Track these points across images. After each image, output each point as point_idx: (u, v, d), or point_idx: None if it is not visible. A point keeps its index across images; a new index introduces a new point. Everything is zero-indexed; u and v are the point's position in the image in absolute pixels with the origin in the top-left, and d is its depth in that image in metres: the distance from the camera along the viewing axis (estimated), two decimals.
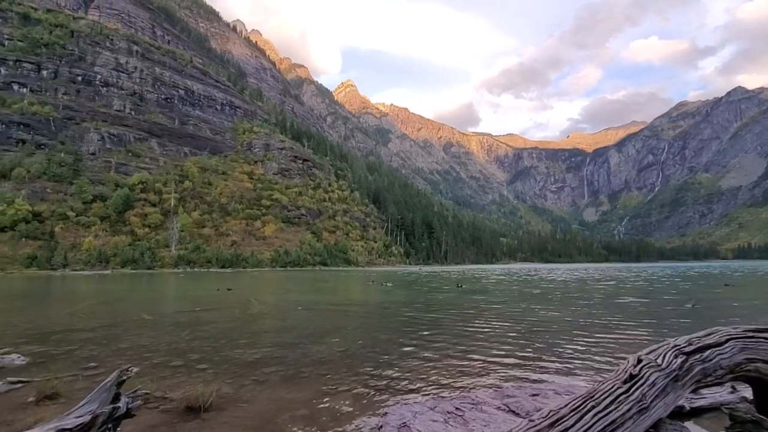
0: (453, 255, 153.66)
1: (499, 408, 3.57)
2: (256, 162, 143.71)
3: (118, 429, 3.36)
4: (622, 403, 2.63)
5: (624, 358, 3.23)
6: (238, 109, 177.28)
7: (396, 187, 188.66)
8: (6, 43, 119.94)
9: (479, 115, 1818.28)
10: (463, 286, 28.90)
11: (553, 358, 7.65)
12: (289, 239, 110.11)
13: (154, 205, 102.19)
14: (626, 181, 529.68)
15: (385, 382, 6.29)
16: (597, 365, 7.11)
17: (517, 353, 8.11)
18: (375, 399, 5.50)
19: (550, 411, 2.38)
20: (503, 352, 8.19)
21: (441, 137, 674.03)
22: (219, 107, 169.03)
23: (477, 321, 12.54)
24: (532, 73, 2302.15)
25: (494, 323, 12.02)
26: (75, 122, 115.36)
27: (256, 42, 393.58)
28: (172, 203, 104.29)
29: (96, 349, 8.67)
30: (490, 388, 5.75)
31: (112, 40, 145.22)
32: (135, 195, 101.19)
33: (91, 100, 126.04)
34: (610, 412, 2.52)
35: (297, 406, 5.27)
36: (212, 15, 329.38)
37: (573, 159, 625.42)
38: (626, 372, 2.90)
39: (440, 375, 6.63)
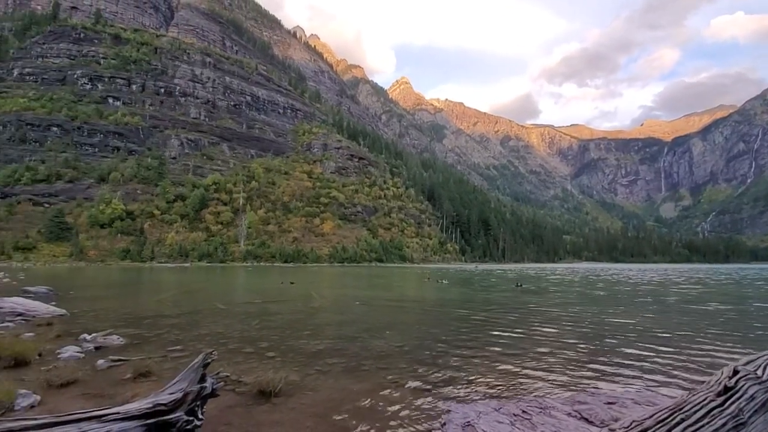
0: (511, 253, 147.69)
1: (569, 414, 3.37)
2: (314, 161, 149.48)
3: (204, 407, 3.72)
4: (716, 418, 2.37)
5: (712, 370, 2.92)
6: (298, 112, 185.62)
7: (451, 183, 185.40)
8: (102, 61, 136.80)
9: (539, 106, 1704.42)
10: (523, 286, 27.71)
11: (627, 366, 7.09)
12: (346, 236, 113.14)
13: (225, 204, 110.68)
14: (712, 172, 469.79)
15: (444, 379, 6.25)
16: (680, 376, 6.46)
17: (585, 359, 7.63)
18: (435, 395, 5.50)
19: (633, 421, 2.21)
20: (569, 357, 7.75)
21: (498, 131, 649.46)
22: (281, 111, 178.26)
23: (539, 323, 11.98)
24: (597, 58, 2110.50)
25: (558, 326, 11.41)
26: (159, 130, 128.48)
27: (314, 46, 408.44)
28: (241, 202, 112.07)
29: (180, 334, 9.62)
30: (559, 393, 5.47)
31: (188, 53, 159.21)
32: (209, 195, 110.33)
33: (172, 109, 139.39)
34: (702, 426, 2.28)
35: (359, 397, 5.43)
36: (275, 23, 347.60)
37: (648, 149, 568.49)
38: (720, 384, 2.61)
39: (501, 376, 6.44)
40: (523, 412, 3.40)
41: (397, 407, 5.07)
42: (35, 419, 2.96)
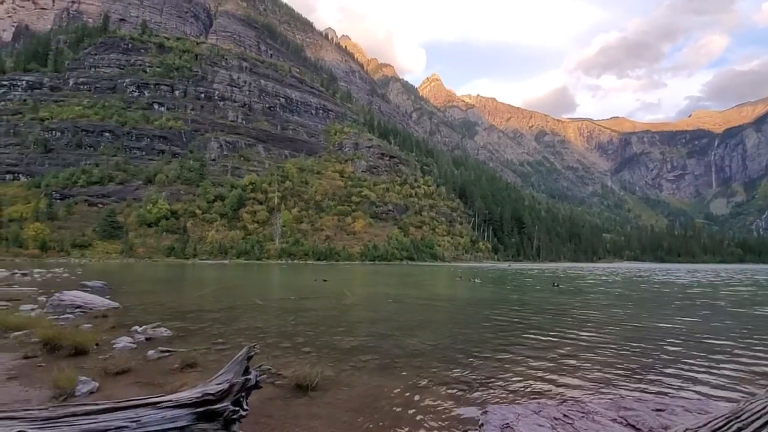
0: (546, 252, 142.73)
1: (614, 420, 3.22)
2: (346, 161, 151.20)
3: (248, 398, 3.88)
4: None
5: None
6: (330, 112, 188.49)
7: (483, 180, 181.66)
8: (148, 69, 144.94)
9: (575, 100, 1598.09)
10: (560, 286, 26.76)
11: (674, 372, 6.71)
12: (378, 234, 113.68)
13: (261, 203, 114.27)
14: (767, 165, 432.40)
15: (479, 379, 6.17)
16: (732, 383, 6.04)
17: (629, 364, 7.28)
18: (470, 396, 5.44)
19: (686, 429, 2.08)
20: (612, 361, 7.43)
21: (532, 126, 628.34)
22: (314, 111, 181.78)
23: (577, 325, 11.54)
24: (638, 47, 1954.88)
25: (598, 328, 10.94)
26: (200, 133, 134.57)
27: (345, 47, 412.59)
28: (276, 201, 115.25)
29: (221, 328, 10.07)
30: (602, 397, 5.27)
31: (226, 59, 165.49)
32: (246, 195, 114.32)
33: (212, 113, 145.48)
34: None
35: (393, 395, 5.47)
36: (307, 26, 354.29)
37: (696, 142, 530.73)
38: None
39: (540, 378, 6.28)
40: (565, 416, 3.29)
41: (432, 406, 5.07)
42: (96, 404, 3.21)
